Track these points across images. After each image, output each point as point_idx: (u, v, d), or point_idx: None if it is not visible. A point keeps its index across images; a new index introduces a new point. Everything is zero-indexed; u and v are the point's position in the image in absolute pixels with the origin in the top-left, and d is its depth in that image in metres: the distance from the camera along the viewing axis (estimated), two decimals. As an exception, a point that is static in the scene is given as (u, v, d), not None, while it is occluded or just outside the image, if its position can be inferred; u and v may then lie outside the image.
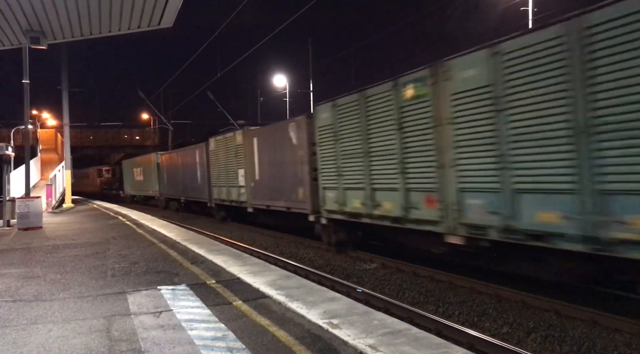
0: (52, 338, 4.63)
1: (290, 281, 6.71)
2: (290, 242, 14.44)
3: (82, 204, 30.99)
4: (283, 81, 37.60)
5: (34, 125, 38.49)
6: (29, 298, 6.27)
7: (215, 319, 5.06)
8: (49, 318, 5.30)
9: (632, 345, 5.61)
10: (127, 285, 6.82)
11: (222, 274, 7.42)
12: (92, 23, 10.55)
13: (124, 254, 9.59)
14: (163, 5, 9.67)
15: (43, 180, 29.68)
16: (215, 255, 9.01)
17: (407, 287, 8.59)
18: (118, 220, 17.91)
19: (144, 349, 4.26)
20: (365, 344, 4.15)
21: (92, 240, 12.08)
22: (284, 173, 14.17)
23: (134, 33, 11.39)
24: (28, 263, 8.93)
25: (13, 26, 10.49)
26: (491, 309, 7.13)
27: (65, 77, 25.07)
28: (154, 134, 55.60)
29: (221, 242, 12.64)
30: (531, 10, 20.42)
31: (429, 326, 6.33)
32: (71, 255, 9.71)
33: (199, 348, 4.24)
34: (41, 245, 11.41)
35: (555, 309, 6.80)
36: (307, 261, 11.54)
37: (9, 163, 18.39)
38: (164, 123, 41.59)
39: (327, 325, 4.70)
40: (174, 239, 11.70)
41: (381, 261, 10.60)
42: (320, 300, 5.62)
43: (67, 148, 25.90)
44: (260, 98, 43.33)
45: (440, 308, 7.34)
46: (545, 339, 5.92)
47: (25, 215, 15.13)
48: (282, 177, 14.30)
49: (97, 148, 55.01)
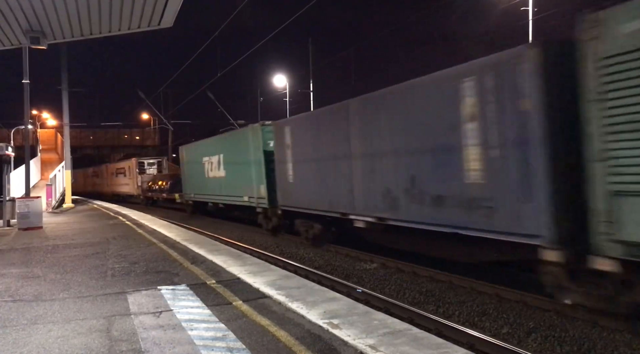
0: (52, 338, 4.63)
1: (290, 281, 6.71)
2: (290, 242, 14.43)
3: (82, 204, 30.97)
4: (283, 81, 37.59)
5: (34, 125, 38.51)
6: (29, 298, 6.27)
7: (215, 320, 5.05)
8: (49, 318, 5.30)
9: (632, 345, 5.61)
10: (127, 285, 6.82)
11: (222, 274, 7.42)
12: (92, 23, 10.54)
13: (124, 254, 9.59)
14: (163, 5, 9.67)
15: (43, 180, 29.67)
16: (215, 255, 9.00)
17: (407, 287, 8.59)
18: (118, 220, 17.90)
19: (144, 349, 4.26)
20: (365, 344, 4.15)
21: (92, 240, 12.08)
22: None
23: (134, 33, 11.39)
24: (28, 263, 8.92)
25: (13, 26, 10.48)
26: (491, 309, 7.13)
27: (65, 77, 25.09)
28: (154, 134, 55.59)
29: (221, 242, 12.63)
30: (531, 10, 20.42)
31: (429, 326, 6.33)
32: (71, 255, 9.70)
33: (199, 348, 4.24)
34: (41, 245, 11.41)
35: (555, 309, 6.80)
36: (307, 261, 11.54)
37: (9, 163, 18.40)
38: (164, 123, 41.59)
39: (327, 325, 4.70)
40: (174, 239, 11.69)
41: (381, 261, 10.60)
42: (321, 300, 5.62)
43: (67, 148, 25.91)
44: (260, 98, 43.30)
45: (441, 308, 7.34)
46: (545, 339, 5.92)
47: (25, 215, 15.12)
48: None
49: (97, 148, 55.02)
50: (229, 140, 19.52)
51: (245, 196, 17.01)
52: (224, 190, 19.35)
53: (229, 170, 18.77)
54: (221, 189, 19.56)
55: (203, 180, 21.72)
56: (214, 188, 20.36)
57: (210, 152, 20.88)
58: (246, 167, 16.79)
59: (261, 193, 15.71)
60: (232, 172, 18.44)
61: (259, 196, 15.92)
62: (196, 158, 22.66)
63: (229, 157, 18.79)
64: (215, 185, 20.26)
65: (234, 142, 18.56)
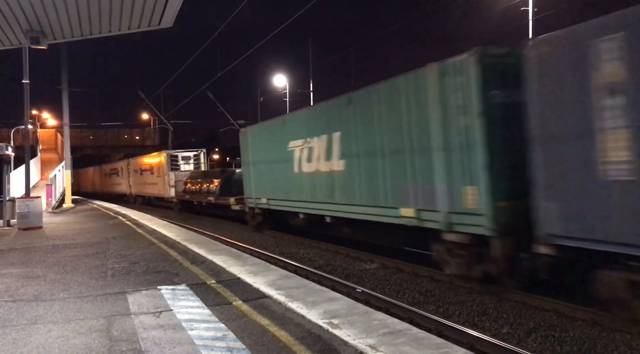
0: (52, 338, 4.63)
1: (290, 281, 6.71)
2: (290, 242, 14.43)
3: (82, 204, 30.97)
4: (283, 81, 37.60)
5: (34, 125, 38.51)
6: (29, 298, 6.27)
7: (215, 319, 5.06)
8: (49, 318, 5.30)
9: (632, 345, 5.61)
10: (127, 284, 6.82)
11: (222, 274, 7.42)
12: (92, 23, 10.54)
13: (124, 254, 9.59)
14: (163, 5, 9.67)
15: (43, 180, 29.67)
16: (215, 255, 9.01)
17: (407, 287, 8.58)
18: (118, 220, 17.90)
19: (144, 349, 4.26)
20: (365, 344, 4.15)
21: (92, 239, 12.08)
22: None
23: (134, 33, 11.39)
24: (28, 263, 8.93)
25: (13, 26, 10.48)
26: (491, 309, 7.13)
27: (65, 77, 25.10)
28: (154, 134, 55.58)
29: (221, 242, 12.64)
30: (531, 10, 20.43)
31: (429, 326, 6.32)
32: (71, 255, 9.71)
33: (199, 348, 4.24)
34: (41, 245, 11.41)
35: (555, 309, 6.80)
36: (307, 261, 11.54)
37: (9, 163, 18.40)
38: (164, 123, 41.57)
39: (327, 325, 4.70)
40: (174, 239, 11.70)
41: (381, 261, 10.59)
42: (321, 300, 5.62)
43: (67, 148, 25.93)
44: (260, 98, 43.27)
45: (441, 308, 7.34)
46: (545, 339, 5.92)
47: (25, 215, 15.13)
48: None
49: (97, 148, 54.99)
50: (360, 104, 10.54)
51: (406, 209, 9.07)
52: (339, 194, 11.39)
53: (357, 158, 10.63)
54: (332, 192, 11.61)
55: (288, 178, 13.89)
56: (314, 190, 12.48)
57: (306, 132, 12.89)
58: (416, 151, 8.79)
59: (473, 201, 7.64)
60: (365, 161, 10.34)
61: (464, 208, 7.78)
62: (274, 145, 14.89)
63: (356, 136, 10.62)
64: (315, 186, 12.44)
65: (375, 107, 9.96)
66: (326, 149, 11.83)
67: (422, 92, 8.58)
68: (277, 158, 14.56)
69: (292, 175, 13.59)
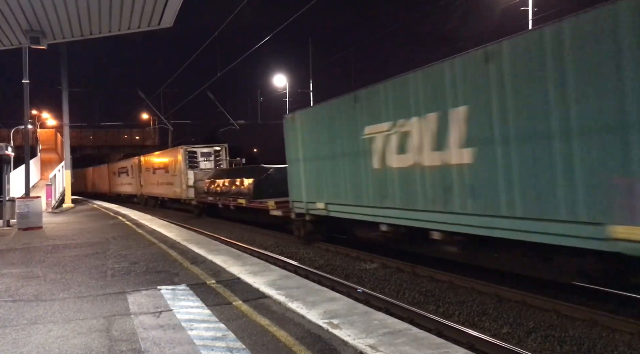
0: (52, 338, 4.63)
1: (290, 281, 6.71)
2: (290, 242, 14.43)
3: (82, 204, 30.98)
4: (283, 81, 37.59)
5: (33, 125, 38.50)
6: (29, 298, 6.27)
7: (215, 319, 5.05)
8: (49, 318, 5.30)
9: (632, 345, 5.61)
10: (127, 284, 6.82)
11: (222, 274, 7.42)
12: (92, 23, 10.55)
13: (124, 254, 9.59)
14: (163, 5, 9.67)
15: (43, 180, 29.66)
16: (215, 255, 9.01)
17: (407, 287, 8.59)
18: (118, 220, 17.90)
19: (144, 349, 4.26)
20: (365, 344, 4.15)
21: (92, 239, 12.08)
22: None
23: (134, 33, 11.39)
24: (28, 263, 8.93)
25: (13, 26, 10.49)
26: (491, 309, 7.13)
27: (65, 77, 25.09)
28: (154, 134, 55.60)
29: (221, 242, 12.63)
30: (531, 10, 20.42)
31: (429, 326, 6.33)
32: (71, 255, 9.70)
33: (199, 348, 4.24)
34: (41, 245, 11.41)
35: (555, 309, 6.80)
36: (307, 261, 11.54)
37: (9, 163, 18.40)
38: (164, 123, 41.54)
39: (327, 325, 4.70)
40: (174, 239, 11.69)
41: (381, 261, 10.59)
42: (321, 300, 5.62)
43: (67, 148, 25.91)
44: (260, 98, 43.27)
45: (441, 308, 7.34)
46: (545, 339, 5.92)
47: (25, 215, 15.12)
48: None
49: (97, 148, 55.01)
50: (515, 58, 6.81)
51: (625, 227, 5.61)
52: (460, 199, 7.92)
53: (503, 145, 7.10)
54: (448, 196, 8.17)
55: (362, 176, 10.64)
56: (411, 193, 9.07)
57: (395, 111, 9.45)
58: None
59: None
60: (521, 149, 6.82)
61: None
62: (337, 133, 11.54)
63: (504, 111, 7.02)
64: (412, 187, 9.01)
65: (549, 59, 6.33)
66: (436, 133, 8.37)
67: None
68: (343, 150, 11.32)
69: (369, 172, 10.29)
